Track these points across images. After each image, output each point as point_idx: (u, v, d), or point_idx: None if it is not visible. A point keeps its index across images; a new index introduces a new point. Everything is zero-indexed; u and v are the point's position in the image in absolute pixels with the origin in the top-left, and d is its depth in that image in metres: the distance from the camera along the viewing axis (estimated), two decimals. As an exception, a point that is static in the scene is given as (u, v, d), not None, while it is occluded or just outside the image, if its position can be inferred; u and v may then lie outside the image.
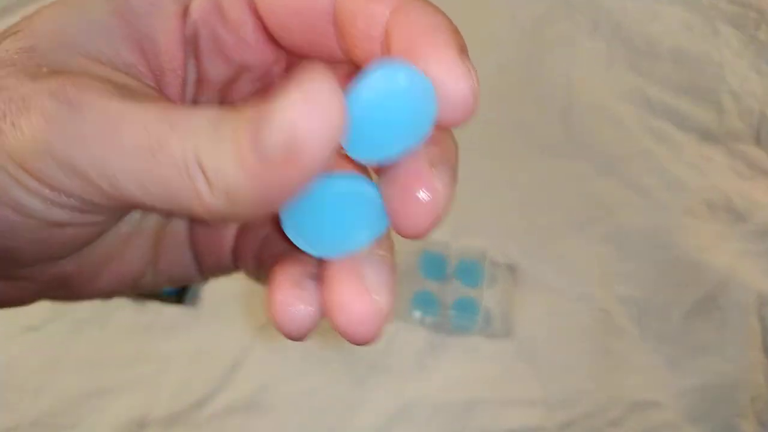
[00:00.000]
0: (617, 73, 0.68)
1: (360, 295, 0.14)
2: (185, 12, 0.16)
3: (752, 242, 0.54)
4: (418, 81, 0.13)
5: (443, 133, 0.15)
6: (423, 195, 0.14)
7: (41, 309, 0.49)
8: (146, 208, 0.15)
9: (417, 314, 0.48)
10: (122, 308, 0.50)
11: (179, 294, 0.50)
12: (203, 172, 0.12)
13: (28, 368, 0.47)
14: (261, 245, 0.18)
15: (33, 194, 0.13)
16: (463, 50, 0.14)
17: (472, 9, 0.77)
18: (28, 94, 0.13)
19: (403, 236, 0.15)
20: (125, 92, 0.13)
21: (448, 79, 0.13)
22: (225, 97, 0.18)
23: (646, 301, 0.50)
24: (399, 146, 0.14)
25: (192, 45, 0.17)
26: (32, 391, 0.46)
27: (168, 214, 0.17)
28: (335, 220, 0.14)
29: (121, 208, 0.15)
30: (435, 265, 0.51)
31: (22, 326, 0.49)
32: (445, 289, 0.50)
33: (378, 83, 0.13)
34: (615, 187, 0.58)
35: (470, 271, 0.50)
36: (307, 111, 0.11)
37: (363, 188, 0.14)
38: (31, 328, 0.49)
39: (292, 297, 0.15)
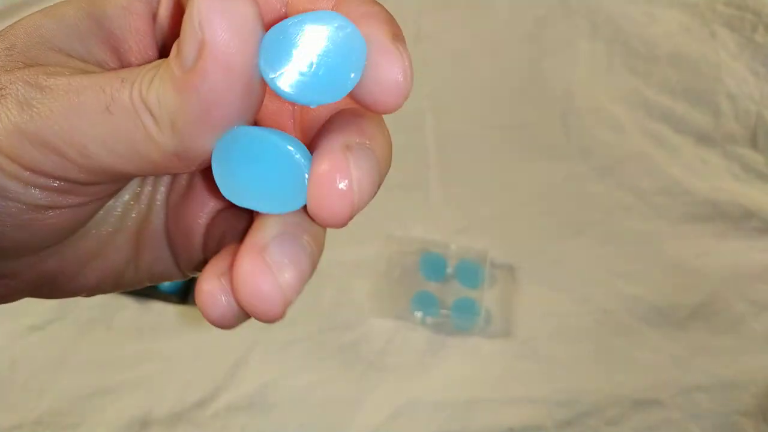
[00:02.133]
0: (616, 76, 0.68)
1: (262, 273, 0.14)
2: (154, 16, 0.17)
3: (749, 244, 0.54)
4: (350, 28, 0.13)
5: (371, 119, 0.15)
6: (339, 183, 0.14)
7: (45, 309, 0.50)
8: (117, 175, 0.15)
9: (418, 314, 0.48)
10: (126, 308, 0.50)
11: (182, 294, 0.50)
12: (149, 111, 0.13)
13: (31, 368, 0.47)
14: (220, 239, 0.18)
15: (11, 177, 0.14)
16: (396, 36, 0.14)
17: (473, 13, 0.77)
18: (4, 84, 0.14)
19: (319, 224, 0.15)
20: (90, 71, 0.15)
21: (381, 61, 0.13)
22: None
23: (646, 303, 0.50)
24: (322, 87, 0.13)
25: (161, 45, 0.17)
26: (36, 390, 0.46)
27: (138, 175, 0.17)
28: (257, 175, 0.14)
29: (96, 182, 0.15)
30: (435, 266, 0.51)
31: (27, 326, 0.49)
32: (445, 290, 0.50)
33: (308, 18, 0.13)
34: (613, 190, 0.58)
35: (470, 271, 0.50)
36: (215, 12, 0.12)
37: (292, 153, 0.14)
38: (35, 328, 0.49)
39: (216, 287, 0.15)
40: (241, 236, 0.15)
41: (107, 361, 0.48)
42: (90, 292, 0.19)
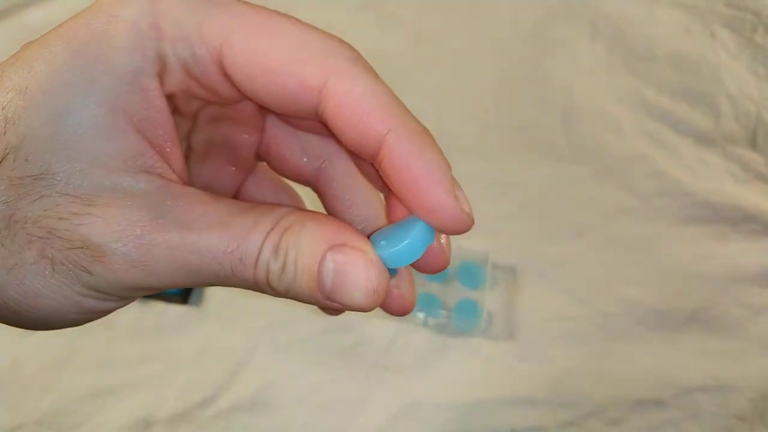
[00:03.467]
0: (616, 77, 0.69)
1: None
2: (162, 78, 0.17)
3: (748, 246, 0.54)
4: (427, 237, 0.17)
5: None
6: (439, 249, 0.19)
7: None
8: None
9: (420, 315, 0.48)
10: (128, 309, 0.50)
11: (184, 294, 0.50)
12: (273, 289, 0.17)
13: (33, 368, 0.47)
14: None
15: (97, 299, 0.17)
16: (452, 184, 0.17)
17: (474, 13, 0.77)
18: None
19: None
20: (161, 226, 0.16)
21: (448, 222, 0.17)
22: (195, 122, 0.20)
23: (645, 306, 0.50)
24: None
25: (172, 104, 0.18)
26: (38, 390, 0.46)
27: None
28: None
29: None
30: (437, 267, 0.51)
31: (28, 326, 0.49)
32: (447, 291, 0.50)
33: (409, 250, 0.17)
34: (613, 191, 0.58)
35: (472, 273, 0.50)
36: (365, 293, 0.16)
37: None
38: (36, 329, 0.49)
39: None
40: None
41: (109, 362, 0.48)
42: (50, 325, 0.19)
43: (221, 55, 0.16)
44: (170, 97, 0.17)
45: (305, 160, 0.21)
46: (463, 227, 0.17)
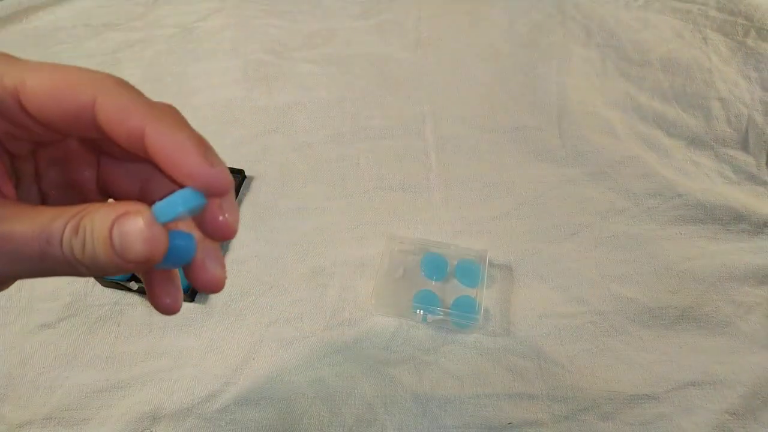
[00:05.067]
0: (609, 81, 0.69)
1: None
2: None
3: (739, 246, 0.54)
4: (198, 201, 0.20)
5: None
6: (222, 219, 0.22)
7: (56, 308, 0.50)
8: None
9: (419, 312, 0.49)
10: (135, 306, 0.51)
11: (191, 292, 0.51)
12: (84, 265, 0.19)
13: (42, 364, 0.48)
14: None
15: None
16: (207, 154, 0.20)
17: (472, 20, 0.78)
18: None
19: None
20: None
21: (208, 181, 0.20)
22: (37, 167, 0.24)
23: (637, 304, 0.50)
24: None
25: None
26: (47, 386, 0.46)
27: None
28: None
29: None
30: (436, 266, 0.52)
31: (38, 324, 0.50)
32: (445, 289, 0.51)
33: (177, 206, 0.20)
34: (607, 192, 0.59)
35: (470, 271, 0.51)
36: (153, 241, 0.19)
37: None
38: (46, 326, 0.50)
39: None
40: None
41: (117, 358, 0.48)
42: None
43: (18, 94, 0.20)
44: None
45: (135, 184, 0.25)
46: (218, 183, 0.20)
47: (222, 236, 0.22)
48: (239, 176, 0.59)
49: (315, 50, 0.74)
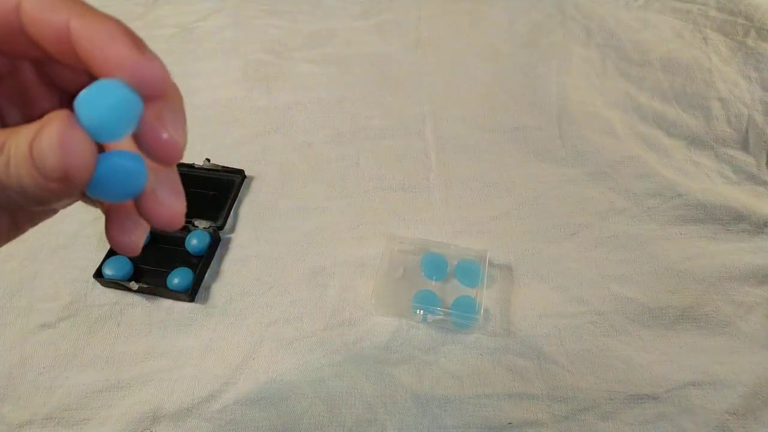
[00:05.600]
0: (609, 81, 0.69)
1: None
2: None
3: (738, 246, 0.54)
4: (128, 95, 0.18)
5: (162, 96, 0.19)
6: (166, 135, 0.19)
7: (56, 308, 0.50)
8: None
9: (419, 312, 0.49)
10: (135, 306, 0.51)
11: (191, 292, 0.51)
12: (7, 186, 0.18)
13: (42, 364, 0.48)
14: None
15: None
16: (137, 43, 0.18)
17: (472, 20, 0.78)
18: None
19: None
20: None
21: (138, 71, 0.18)
22: None
23: (637, 304, 0.50)
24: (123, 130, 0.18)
25: None
26: (47, 386, 0.46)
27: None
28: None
29: None
30: (436, 266, 0.52)
31: (38, 324, 0.50)
32: (445, 289, 0.51)
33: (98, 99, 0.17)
34: (607, 192, 0.59)
35: (470, 271, 0.51)
36: (71, 149, 0.17)
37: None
38: (46, 326, 0.50)
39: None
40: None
41: (117, 358, 0.48)
42: None
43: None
44: None
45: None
46: (151, 75, 0.18)
47: (165, 157, 0.19)
48: (239, 176, 0.59)
49: (315, 50, 0.74)
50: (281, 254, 0.54)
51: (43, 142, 0.17)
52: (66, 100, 0.23)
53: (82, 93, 0.17)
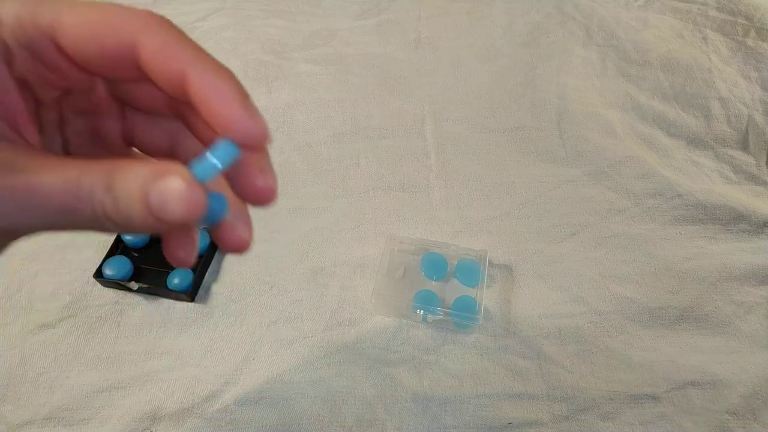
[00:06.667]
0: (609, 81, 0.69)
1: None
2: (8, 62, 0.20)
3: (738, 246, 0.55)
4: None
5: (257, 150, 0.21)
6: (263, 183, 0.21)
7: (57, 308, 0.50)
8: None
9: (419, 312, 0.49)
10: (135, 306, 0.51)
11: (191, 292, 0.51)
12: (112, 221, 0.18)
13: (42, 364, 0.48)
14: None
15: None
16: (247, 103, 0.19)
17: (471, 19, 0.78)
18: None
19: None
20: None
21: (247, 132, 0.19)
22: (62, 114, 0.23)
23: (637, 304, 0.50)
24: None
25: (22, 82, 0.21)
26: (47, 386, 0.46)
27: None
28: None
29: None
30: (436, 266, 0.52)
31: (38, 324, 0.50)
32: (446, 289, 0.51)
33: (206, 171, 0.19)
34: (606, 192, 0.59)
35: (470, 271, 0.51)
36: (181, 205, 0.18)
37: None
38: (46, 326, 0.50)
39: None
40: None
41: (117, 358, 0.48)
42: None
43: (54, 33, 0.19)
44: (24, 83, 0.20)
45: (162, 139, 0.24)
46: (257, 135, 0.19)
47: (262, 202, 0.22)
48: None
49: (315, 50, 0.74)
50: (281, 254, 0.54)
51: (167, 194, 0.18)
52: (128, 111, 0.24)
53: (198, 163, 0.19)
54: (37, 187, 0.17)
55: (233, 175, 0.21)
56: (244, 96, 0.19)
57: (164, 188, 0.18)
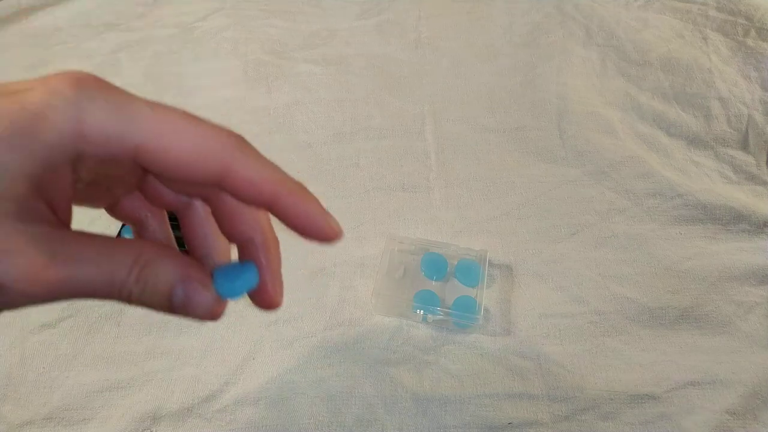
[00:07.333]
0: (609, 81, 0.69)
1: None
2: (76, 165, 0.20)
3: (738, 246, 0.54)
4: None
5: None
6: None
7: (57, 308, 0.50)
8: None
9: (419, 312, 0.49)
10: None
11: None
12: (133, 302, 0.21)
13: (42, 364, 0.47)
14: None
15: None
16: (323, 210, 0.22)
17: (471, 20, 0.78)
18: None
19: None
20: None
21: (326, 234, 0.22)
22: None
23: (637, 304, 0.50)
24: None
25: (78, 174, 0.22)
26: (47, 386, 0.46)
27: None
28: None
29: None
30: (436, 266, 0.52)
31: (38, 324, 0.50)
32: (445, 289, 0.51)
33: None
34: (606, 192, 0.59)
35: (470, 271, 0.51)
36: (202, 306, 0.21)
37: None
38: (46, 326, 0.50)
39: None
40: None
41: (117, 358, 0.48)
42: None
43: (137, 153, 0.20)
44: (79, 175, 0.21)
45: (176, 198, 0.25)
46: (335, 238, 0.23)
47: (265, 307, 0.24)
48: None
49: (315, 50, 0.74)
50: (281, 254, 0.54)
51: (193, 302, 0.21)
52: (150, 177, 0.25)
53: (225, 282, 0.22)
54: (75, 278, 0.19)
55: (295, 223, 0.23)
56: (323, 210, 0.22)
57: (190, 294, 0.21)
